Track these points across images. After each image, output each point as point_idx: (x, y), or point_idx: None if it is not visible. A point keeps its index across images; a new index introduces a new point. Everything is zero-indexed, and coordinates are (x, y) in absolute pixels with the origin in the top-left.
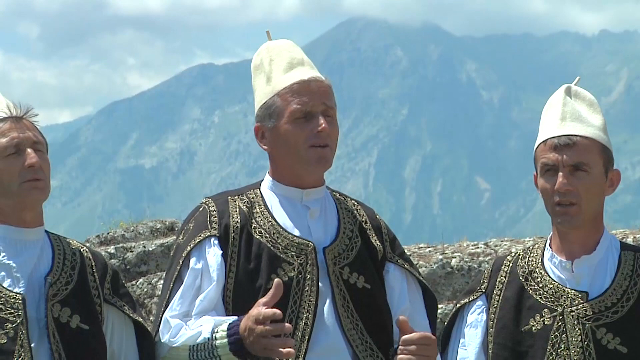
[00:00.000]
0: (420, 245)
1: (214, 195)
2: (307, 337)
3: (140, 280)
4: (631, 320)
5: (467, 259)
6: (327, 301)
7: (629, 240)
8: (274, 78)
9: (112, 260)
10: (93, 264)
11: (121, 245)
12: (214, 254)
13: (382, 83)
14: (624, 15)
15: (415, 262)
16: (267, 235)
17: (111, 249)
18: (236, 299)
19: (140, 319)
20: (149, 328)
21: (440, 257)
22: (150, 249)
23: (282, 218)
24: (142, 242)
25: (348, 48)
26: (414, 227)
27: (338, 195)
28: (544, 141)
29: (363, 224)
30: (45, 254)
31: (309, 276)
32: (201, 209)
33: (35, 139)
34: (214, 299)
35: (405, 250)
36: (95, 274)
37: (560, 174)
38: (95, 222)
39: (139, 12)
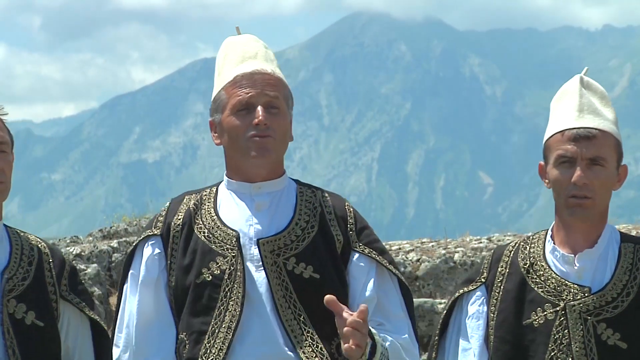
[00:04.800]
0: (423, 240)
1: (179, 195)
2: (232, 329)
3: None
4: (631, 316)
5: (470, 254)
6: (263, 292)
7: None
8: (223, 72)
9: (115, 254)
10: (50, 260)
11: (124, 239)
12: (147, 254)
13: (385, 78)
14: (628, 10)
15: (418, 257)
16: (205, 230)
17: (114, 243)
18: (176, 295)
19: (97, 317)
20: (104, 326)
21: (443, 251)
22: None
23: (226, 213)
24: None
25: (351, 43)
26: (416, 222)
27: (305, 188)
28: (560, 132)
29: (326, 214)
30: (2, 249)
31: (239, 267)
32: (161, 208)
33: None
34: (149, 312)
35: (408, 245)
36: (52, 270)
37: (578, 167)
38: (98, 216)
39: (143, 6)
